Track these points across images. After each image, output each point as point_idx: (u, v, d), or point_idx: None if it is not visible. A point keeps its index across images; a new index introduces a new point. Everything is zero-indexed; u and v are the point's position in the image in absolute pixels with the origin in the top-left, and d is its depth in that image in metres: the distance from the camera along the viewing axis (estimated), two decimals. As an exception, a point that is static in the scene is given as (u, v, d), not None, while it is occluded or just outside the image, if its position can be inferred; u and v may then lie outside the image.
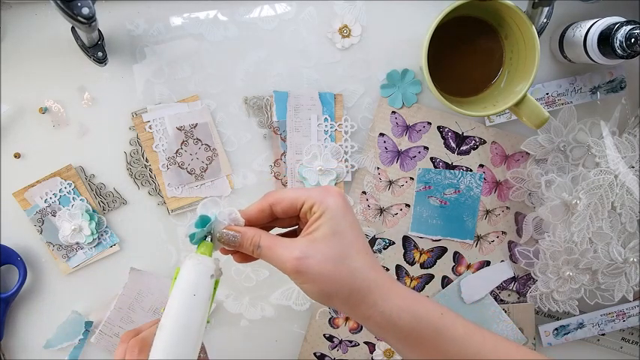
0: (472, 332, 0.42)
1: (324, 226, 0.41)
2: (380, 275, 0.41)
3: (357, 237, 0.42)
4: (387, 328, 0.41)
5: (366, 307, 0.41)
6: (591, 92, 0.62)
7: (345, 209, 0.42)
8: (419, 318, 0.41)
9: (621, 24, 0.52)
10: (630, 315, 0.64)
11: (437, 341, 0.41)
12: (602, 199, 0.59)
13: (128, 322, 0.60)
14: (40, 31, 0.58)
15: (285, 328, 0.64)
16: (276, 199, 0.43)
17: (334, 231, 0.41)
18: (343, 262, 0.40)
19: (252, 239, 0.42)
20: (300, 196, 0.42)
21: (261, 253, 0.42)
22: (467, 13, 0.56)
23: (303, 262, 0.39)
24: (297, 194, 0.42)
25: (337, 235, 0.41)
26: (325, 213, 0.41)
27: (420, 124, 0.62)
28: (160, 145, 0.60)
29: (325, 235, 0.40)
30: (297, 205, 0.42)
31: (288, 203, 0.42)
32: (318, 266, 0.40)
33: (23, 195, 0.59)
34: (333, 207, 0.41)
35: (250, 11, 0.60)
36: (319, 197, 0.41)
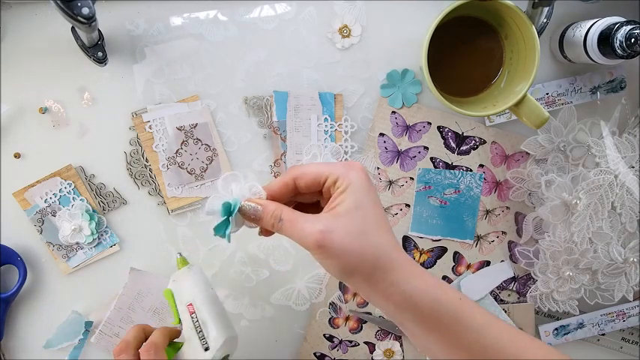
0: (490, 322, 0.42)
1: (347, 201, 0.40)
2: (402, 255, 0.41)
3: (379, 214, 0.41)
4: (406, 309, 0.40)
5: (388, 284, 0.40)
6: (591, 92, 0.62)
7: (368, 184, 0.41)
8: (439, 302, 0.40)
9: (621, 24, 0.52)
10: (630, 315, 0.64)
11: (455, 327, 0.41)
12: (602, 199, 0.59)
13: (128, 322, 0.60)
14: (40, 31, 0.58)
15: (285, 328, 0.64)
16: (300, 173, 0.42)
17: (358, 205, 0.40)
18: (367, 238, 0.39)
19: (273, 212, 0.41)
20: (324, 171, 0.41)
21: (283, 226, 0.41)
22: (467, 13, 0.56)
23: (327, 237, 0.38)
24: (320, 169, 0.42)
25: (361, 210, 0.40)
26: (349, 187, 0.40)
27: (420, 124, 0.62)
28: (160, 145, 0.60)
29: (349, 209, 0.40)
30: (320, 179, 0.42)
31: (312, 177, 0.42)
32: (341, 241, 0.39)
33: (23, 195, 0.59)
34: (357, 182, 0.40)
35: (250, 11, 0.60)
36: (343, 172, 0.41)
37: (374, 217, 0.40)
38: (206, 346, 0.52)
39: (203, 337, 0.52)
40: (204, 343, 0.52)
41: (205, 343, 0.51)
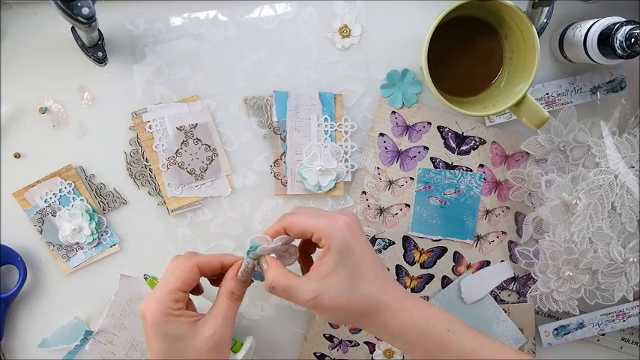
0: (481, 345, 0.45)
1: (332, 261, 0.44)
2: (390, 297, 0.45)
3: (367, 264, 0.45)
4: (396, 341, 0.46)
5: (377, 325, 0.45)
6: (591, 92, 0.62)
7: (352, 240, 0.45)
8: (425, 335, 0.45)
9: (621, 24, 0.52)
10: (630, 315, 0.64)
11: (442, 355, 0.45)
12: (602, 199, 0.59)
13: (121, 329, 0.60)
14: (40, 31, 0.58)
15: (285, 328, 0.64)
16: (289, 224, 0.46)
17: (343, 263, 0.44)
18: (354, 292, 0.44)
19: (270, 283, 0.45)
20: (309, 228, 0.45)
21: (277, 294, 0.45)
22: (467, 13, 0.56)
23: (318, 300, 0.43)
24: (306, 224, 0.45)
25: (346, 267, 0.44)
26: (332, 247, 0.44)
27: (420, 124, 0.62)
28: (160, 145, 0.60)
29: (335, 269, 0.44)
30: (306, 234, 0.46)
31: (299, 231, 0.46)
32: (331, 301, 0.43)
33: (23, 195, 0.59)
34: (340, 240, 0.44)
35: (250, 11, 0.60)
36: (326, 230, 0.44)
37: (360, 270, 0.44)
38: None
39: None
40: None
41: None
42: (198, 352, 0.44)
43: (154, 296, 0.45)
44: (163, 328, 0.44)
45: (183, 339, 0.44)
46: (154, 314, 0.44)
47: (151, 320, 0.44)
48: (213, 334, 0.44)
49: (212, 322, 0.45)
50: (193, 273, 0.47)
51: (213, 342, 0.44)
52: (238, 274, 0.47)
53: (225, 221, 0.62)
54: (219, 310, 0.46)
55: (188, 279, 0.46)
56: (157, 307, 0.44)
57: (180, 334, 0.44)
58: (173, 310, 0.45)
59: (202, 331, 0.44)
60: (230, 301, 0.47)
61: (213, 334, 0.44)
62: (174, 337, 0.44)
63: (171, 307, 0.45)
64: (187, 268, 0.46)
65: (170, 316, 0.44)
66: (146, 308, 0.45)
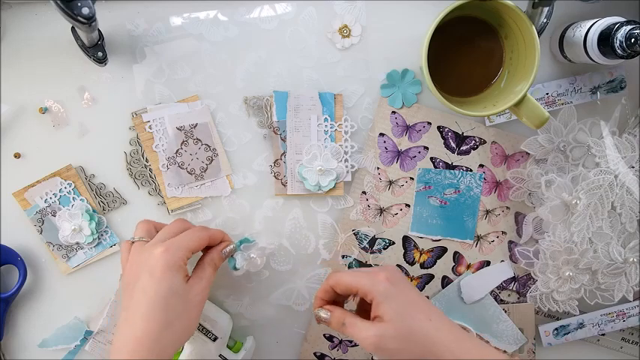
0: None
1: (385, 310, 0.47)
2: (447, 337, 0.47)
3: (417, 308, 0.48)
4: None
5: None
6: (591, 92, 0.62)
7: (395, 290, 0.48)
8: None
9: (621, 24, 0.52)
10: (630, 315, 0.64)
11: None
12: (602, 199, 0.59)
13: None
14: (40, 31, 0.58)
15: (285, 328, 0.64)
16: (335, 282, 0.51)
17: (392, 311, 0.47)
18: (412, 336, 0.47)
19: (338, 318, 0.50)
20: (353, 286, 0.49)
21: (346, 330, 0.49)
22: (467, 13, 0.56)
23: (381, 343, 0.47)
24: (349, 283, 0.50)
25: (399, 315, 0.47)
26: (379, 300, 0.48)
27: (420, 124, 0.62)
28: (160, 145, 0.60)
29: (390, 317, 0.47)
30: (352, 290, 0.50)
31: (345, 289, 0.50)
32: (391, 344, 0.47)
33: (23, 195, 0.59)
34: (384, 293, 0.48)
35: (250, 11, 0.60)
36: (368, 286, 0.48)
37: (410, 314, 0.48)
38: (214, 337, 0.57)
39: (207, 331, 0.57)
40: (210, 336, 0.57)
41: (212, 335, 0.57)
42: (188, 305, 0.49)
43: (178, 246, 0.50)
44: (171, 276, 0.48)
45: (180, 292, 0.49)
46: (170, 260, 0.49)
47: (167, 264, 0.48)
48: (200, 292, 0.51)
49: (200, 283, 0.51)
50: (205, 242, 0.53)
51: (199, 298, 0.50)
52: (222, 252, 0.55)
53: (225, 221, 0.62)
54: (205, 275, 0.52)
55: (200, 247, 0.53)
56: (175, 257, 0.49)
57: (179, 287, 0.49)
58: (183, 265, 0.50)
59: (194, 289, 0.50)
60: (213, 269, 0.53)
61: (201, 292, 0.51)
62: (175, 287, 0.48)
63: (184, 262, 0.50)
64: (204, 238, 0.53)
65: (180, 268, 0.49)
66: (167, 252, 0.49)
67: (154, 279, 0.48)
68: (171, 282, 0.48)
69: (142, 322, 0.46)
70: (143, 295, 0.47)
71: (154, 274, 0.48)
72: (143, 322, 0.46)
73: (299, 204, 0.62)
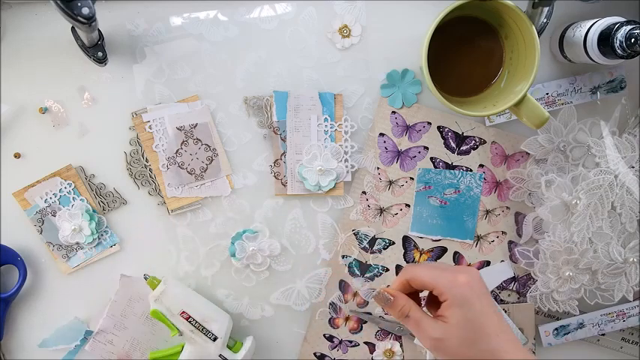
0: None
1: (454, 314, 0.46)
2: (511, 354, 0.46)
3: (489, 321, 0.47)
4: None
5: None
6: (591, 92, 0.62)
7: (473, 297, 0.47)
8: None
9: (621, 24, 0.52)
10: (630, 315, 0.64)
11: None
12: (602, 199, 0.59)
13: (121, 329, 0.60)
14: (40, 31, 0.58)
15: (285, 328, 0.64)
16: (412, 276, 0.49)
17: (465, 318, 0.46)
18: (475, 346, 0.46)
19: (402, 307, 0.49)
20: (431, 282, 0.48)
21: (408, 323, 0.49)
22: (467, 13, 0.56)
23: (441, 344, 0.46)
24: (427, 280, 0.48)
25: (469, 322, 0.46)
26: (454, 303, 0.46)
27: (420, 124, 0.62)
28: (160, 145, 0.60)
29: (458, 322, 0.46)
30: (428, 287, 0.48)
31: (420, 284, 0.49)
32: (453, 349, 0.46)
33: (23, 195, 0.59)
34: (460, 297, 0.47)
35: (250, 11, 0.60)
36: (447, 287, 0.47)
37: (481, 325, 0.46)
38: (214, 337, 0.57)
39: (207, 331, 0.57)
40: (210, 336, 0.57)
41: (212, 335, 0.57)
42: None
43: None
44: None
45: None
46: None
47: None
48: None
49: None
50: None
51: None
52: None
53: (225, 221, 0.62)
54: None
55: None
56: None
57: None
58: None
59: None
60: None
61: None
62: None
63: None
64: None
65: None
66: None
67: None
68: None
69: None
70: None
71: None
72: None
73: (299, 204, 0.62)
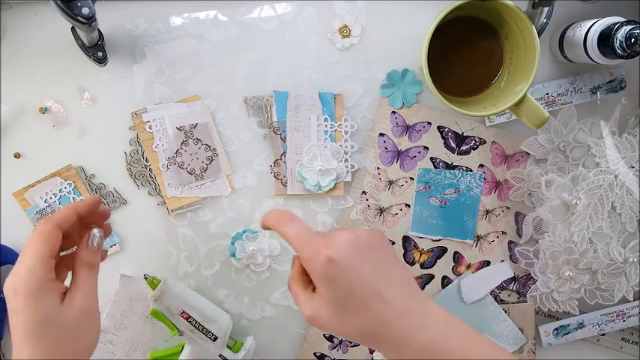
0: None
1: (321, 292, 0.42)
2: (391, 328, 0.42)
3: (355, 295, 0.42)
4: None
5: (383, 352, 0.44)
6: (591, 92, 0.62)
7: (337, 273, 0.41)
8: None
9: (621, 24, 0.52)
10: (630, 315, 0.64)
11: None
12: (602, 199, 0.59)
13: (121, 329, 0.60)
14: (40, 31, 0.58)
15: (285, 328, 0.64)
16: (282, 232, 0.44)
17: (332, 296, 0.42)
18: (345, 323, 0.42)
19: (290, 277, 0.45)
20: (296, 249, 0.43)
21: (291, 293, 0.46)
22: (467, 13, 0.56)
23: (315, 322, 0.43)
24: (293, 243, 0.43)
25: (335, 300, 0.42)
26: (317, 280, 0.42)
27: (420, 124, 0.62)
28: (160, 145, 0.60)
29: (326, 300, 0.42)
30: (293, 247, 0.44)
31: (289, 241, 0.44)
32: (328, 326, 0.43)
33: (23, 195, 0.59)
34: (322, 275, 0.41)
35: (250, 11, 0.60)
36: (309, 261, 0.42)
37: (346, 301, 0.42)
38: (214, 337, 0.57)
39: (207, 331, 0.57)
40: (210, 336, 0.57)
41: (212, 335, 0.57)
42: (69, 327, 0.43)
43: (25, 267, 0.42)
44: (33, 306, 0.41)
45: (52, 318, 0.42)
46: (25, 290, 0.41)
47: (24, 297, 0.41)
48: (81, 304, 0.43)
49: (78, 293, 0.44)
50: (56, 235, 0.44)
51: (81, 312, 0.43)
52: (89, 246, 0.46)
53: (225, 221, 0.62)
54: (82, 282, 0.45)
55: (54, 243, 0.44)
56: (29, 283, 0.41)
57: (48, 314, 0.42)
58: (48, 282, 0.43)
59: (72, 305, 0.43)
60: (88, 270, 0.45)
61: (81, 304, 0.43)
62: (43, 317, 0.42)
63: (46, 278, 0.42)
64: (49, 232, 0.44)
65: (42, 290, 0.42)
66: (19, 281, 0.41)
67: (18, 314, 0.42)
68: (36, 311, 0.41)
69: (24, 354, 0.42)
70: (15, 332, 0.42)
71: (16, 309, 0.42)
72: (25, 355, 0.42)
73: (299, 204, 0.62)
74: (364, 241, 0.43)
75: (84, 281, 0.45)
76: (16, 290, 0.42)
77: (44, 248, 0.43)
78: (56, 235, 0.44)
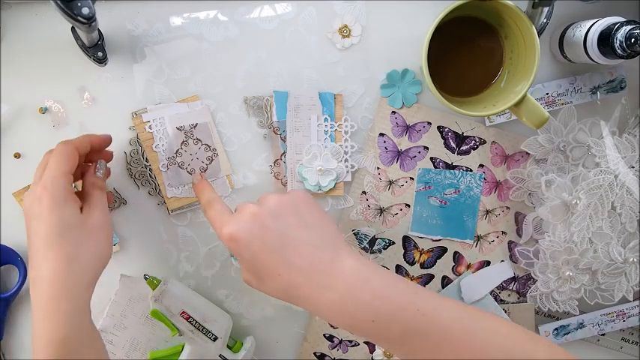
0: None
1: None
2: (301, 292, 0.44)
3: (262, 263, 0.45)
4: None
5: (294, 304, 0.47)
6: (591, 92, 0.62)
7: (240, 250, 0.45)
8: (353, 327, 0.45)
9: (621, 24, 0.52)
10: (630, 315, 0.64)
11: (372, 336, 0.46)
12: (602, 199, 0.59)
13: (121, 329, 0.60)
14: (40, 31, 0.58)
15: (285, 328, 0.64)
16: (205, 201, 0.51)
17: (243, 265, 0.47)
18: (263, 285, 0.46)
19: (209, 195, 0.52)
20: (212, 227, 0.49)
21: (206, 213, 0.50)
22: (467, 13, 0.56)
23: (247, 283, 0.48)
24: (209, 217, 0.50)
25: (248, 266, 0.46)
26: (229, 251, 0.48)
27: (420, 124, 0.62)
28: (159, 145, 0.60)
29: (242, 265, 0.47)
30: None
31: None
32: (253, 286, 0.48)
33: (23, 195, 0.59)
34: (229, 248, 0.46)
35: (250, 11, 0.60)
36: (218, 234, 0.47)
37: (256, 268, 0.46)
38: (214, 337, 0.57)
39: (207, 331, 0.57)
40: (210, 336, 0.57)
41: (212, 335, 0.57)
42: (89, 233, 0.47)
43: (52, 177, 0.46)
44: (59, 211, 0.45)
45: (75, 222, 0.46)
46: (53, 196, 0.45)
47: (51, 202, 0.45)
48: (98, 216, 0.48)
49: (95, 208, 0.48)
50: (75, 156, 0.48)
51: (100, 223, 0.48)
52: (96, 173, 0.52)
53: (225, 221, 0.61)
54: (96, 200, 0.49)
55: (73, 162, 0.48)
56: (56, 190, 0.45)
57: (72, 218, 0.46)
58: (70, 193, 0.47)
59: (90, 215, 0.48)
60: (100, 191, 0.50)
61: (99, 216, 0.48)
62: (67, 220, 0.45)
63: (68, 190, 0.46)
64: (70, 152, 0.48)
65: (67, 199, 0.46)
66: (43, 191, 0.45)
67: (43, 220, 0.45)
68: (61, 217, 0.45)
69: (46, 261, 0.44)
70: (38, 238, 0.45)
71: (41, 216, 0.45)
72: (46, 262, 0.44)
73: (299, 204, 0.62)
74: (269, 211, 0.46)
75: (98, 199, 0.49)
76: (40, 199, 0.45)
77: (66, 164, 0.47)
78: (75, 156, 0.48)
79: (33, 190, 0.47)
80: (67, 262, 0.45)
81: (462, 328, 0.42)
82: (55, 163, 0.47)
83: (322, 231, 0.47)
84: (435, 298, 0.44)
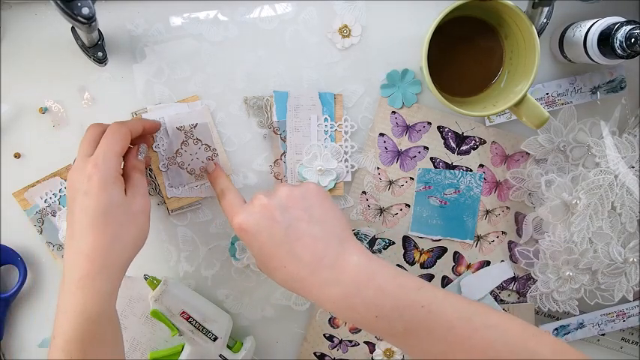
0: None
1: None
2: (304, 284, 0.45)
3: (268, 257, 0.46)
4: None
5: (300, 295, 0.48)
6: (591, 92, 0.62)
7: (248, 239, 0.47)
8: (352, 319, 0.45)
9: (621, 24, 0.52)
10: (630, 315, 0.64)
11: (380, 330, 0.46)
12: (602, 199, 0.59)
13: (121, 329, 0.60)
14: (40, 31, 0.58)
15: (285, 328, 0.64)
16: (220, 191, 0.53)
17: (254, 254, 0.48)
18: (272, 275, 0.47)
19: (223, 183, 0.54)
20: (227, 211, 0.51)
21: (221, 202, 0.52)
22: (467, 13, 0.56)
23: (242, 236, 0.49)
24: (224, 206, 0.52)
25: (257, 256, 0.47)
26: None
27: (420, 124, 0.62)
28: (159, 145, 0.60)
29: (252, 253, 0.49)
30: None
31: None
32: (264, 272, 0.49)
33: (23, 195, 0.59)
34: (240, 238, 0.48)
35: (250, 11, 0.60)
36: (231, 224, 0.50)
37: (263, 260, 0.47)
38: (214, 337, 0.57)
39: (207, 331, 0.57)
40: (210, 336, 0.57)
41: (212, 335, 0.57)
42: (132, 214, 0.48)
43: (105, 156, 0.47)
44: (109, 191, 0.46)
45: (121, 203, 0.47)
46: (104, 176, 0.46)
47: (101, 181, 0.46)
48: (140, 200, 0.49)
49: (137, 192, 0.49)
50: (127, 137, 0.50)
51: (141, 206, 0.49)
52: (139, 157, 0.54)
53: (225, 221, 0.61)
54: (138, 182, 0.50)
55: (125, 143, 0.49)
56: (107, 170, 0.47)
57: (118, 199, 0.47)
58: (119, 174, 0.48)
59: (134, 198, 0.49)
60: (140, 174, 0.51)
61: (140, 200, 0.49)
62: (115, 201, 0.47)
63: (118, 172, 0.48)
64: (124, 133, 0.49)
65: (117, 180, 0.47)
66: (94, 168, 0.46)
67: (91, 197, 0.46)
68: (109, 196, 0.46)
69: (88, 237, 0.45)
70: (84, 214, 0.46)
71: (90, 193, 0.46)
72: (89, 238, 0.45)
73: (299, 204, 0.62)
74: (279, 204, 0.47)
75: (139, 182, 0.50)
76: (90, 176, 0.46)
77: (119, 145, 0.48)
78: (128, 137, 0.50)
79: (81, 166, 0.47)
80: (109, 241, 0.46)
81: (466, 325, 0.42)
82: (109, 142, 0.48)
83: (330, 225, 0.47)
84: (439, 294, 0.44)
